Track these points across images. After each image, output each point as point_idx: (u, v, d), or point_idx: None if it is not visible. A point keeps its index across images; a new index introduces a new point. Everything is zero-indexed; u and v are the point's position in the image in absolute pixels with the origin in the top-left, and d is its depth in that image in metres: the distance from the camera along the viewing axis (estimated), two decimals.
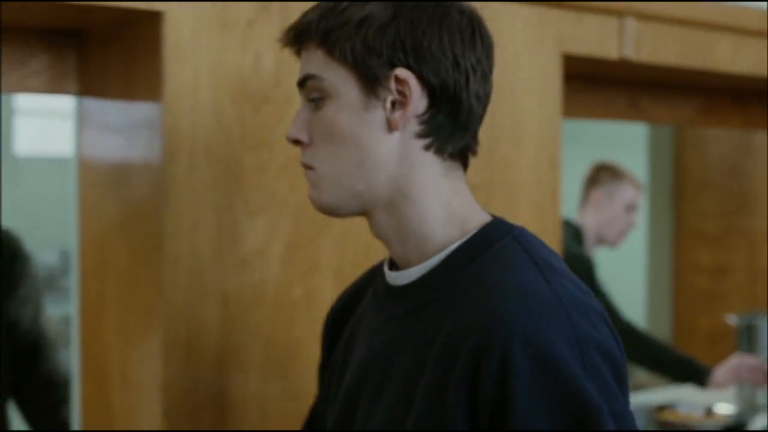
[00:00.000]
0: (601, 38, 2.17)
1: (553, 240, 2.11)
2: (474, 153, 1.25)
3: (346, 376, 1.29)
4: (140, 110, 1.70)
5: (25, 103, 7.05)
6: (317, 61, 1.19)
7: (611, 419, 1.06)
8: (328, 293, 1.79)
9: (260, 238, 1.73)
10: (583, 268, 3.26)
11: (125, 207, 1.74)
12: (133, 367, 1.74)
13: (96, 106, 1.84)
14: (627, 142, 5.57)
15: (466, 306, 1.13)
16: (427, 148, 1.18)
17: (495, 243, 1.18)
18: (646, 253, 5.57)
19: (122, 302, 1.77)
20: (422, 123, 1.17)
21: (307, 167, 1.22)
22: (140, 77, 1.69)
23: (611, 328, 1.15)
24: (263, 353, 1.73)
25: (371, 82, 1.16)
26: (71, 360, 1.97)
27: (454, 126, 1.18)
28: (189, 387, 1.66)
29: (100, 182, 1.84)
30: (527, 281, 1.12)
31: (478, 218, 1.22)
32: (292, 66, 1.63)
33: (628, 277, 5.54)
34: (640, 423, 2.76)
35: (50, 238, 6.09)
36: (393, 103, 1.17)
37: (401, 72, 1.15)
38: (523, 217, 2.06)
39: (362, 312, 1.34)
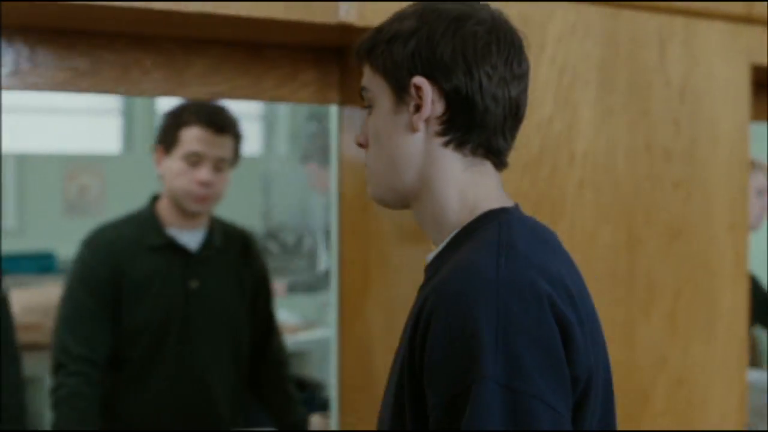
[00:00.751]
0: None
1: (741, 229, 2.35)
2: (500, 152, 1.36)
3: None
4: None
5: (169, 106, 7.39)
6: (367, 75, 1.38)
7: (499, 391, 1.14)
8: None
9: None
10: None
11: None
12: None
13: (356, 114, 2.13)
14: None
15: (434, 282, 1.27)
16: (446, 144, 1.32)
17: (482, 228, 1.30)
18: None
19: (385, 283, 2.05)
20: (441, 123, 1.31)
21: (366, 166, 1.42)
22: None
23: (559, 314, 1.21)
24: None
25: (399, 90, 1.32)
26: (332, 336, 2.26)
27: (470, 125, 1.31)
28: None
29: (360, 177, 2.13)
30: (478, 259, 1.23)
31: (487, 207, 1.33)
32: (534, 78, 1.91)
33: None
34: None
35: None
36: (416, 108, 1.32)
37: (417, 80, 1.30)
38: (717, 210, 2.31)
39: None
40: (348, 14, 1.84)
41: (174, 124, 2.57)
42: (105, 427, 2.50)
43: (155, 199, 2.64)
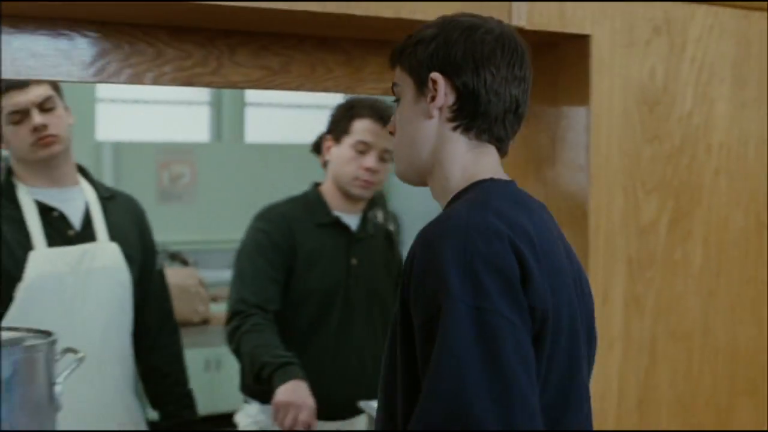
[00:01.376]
0: None
1: None
2: (501, 139, 1.60)
3: None
4: (566, 114, 2.18)
5: (254, 97, 7.66)
6: (397, 74, 1.64)
7: (466, 311, 1.38)
8: (698, 255, 2.26)
9: (653, 212, 2.20)
10: None
11: (551, 187, 2.23)
12: None
13: None
14: None
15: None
16: (455, 129, 1.58)
17: (469, 191, 1.56)
18: None
19: None
20: (452, 112, 1.57)
21: (393, 149, 1.69)
22: (566, 86, 2.18)
23: (518, 250, 1.43)
24: None
25: (420, 84, 1.59)
26: None
27: (475, 114, 1.56)
28: None
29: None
30: (453, 211, 1.50)
31: (481, 178, 1.58)
32: (676, 76, 2.13)
33: None
34: None
35: None
36: (432, 98, 1.57)
37: (434, 75, 1.57)
38: None
39: None
40: (518, 16, 2.04)
41: (346, 115, 2.81)
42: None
43: (317, 185, 2.87)
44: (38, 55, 1.94)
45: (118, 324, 2.59)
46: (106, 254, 2.58)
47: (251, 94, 7.54)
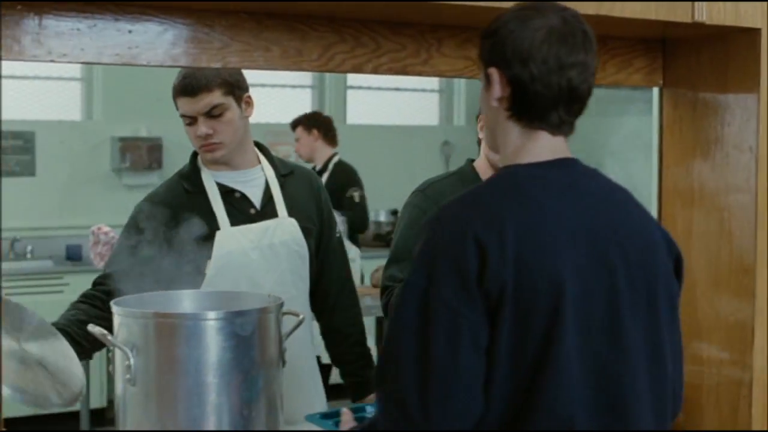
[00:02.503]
0: None
1: None
2: (556, 125, 1.76)
3: None
4: (736, 100, 2.41)
5: (355, 80, 7.93)
6: (480, 65, 1.83)
7: (417, 292, 1.64)
8: None
9: None
10: None
11: (720, 166, 2.46)
12: None
13: (679, 93, 2.57)
14: None
15: None
16: (509, 117, 1.77)
17: (491, 178, 1.81)
18: None
19: None
20: (507, 101, 1.76)
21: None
22: (735, 75, 2.41)
23: (480, 243, 1.62)
24: None
25: (485, 76, 1.78)
26: None
27: (525, 104, 1.74)
28: None
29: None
30: (449, 202, 1.73)
31: (518, 163, 1.78)
32: None
33: None
34: None
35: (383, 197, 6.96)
36: (491, 90, 1.76)
37: (489, 70, 1.77)
38: None
39: None
40: (700, 13, 2.27)
41: None
42: None
43: (471, 161, 3.01)
44: (272, 49, 2.21)
45: (297, 291, 2.78)
46: (285, 229, 2.76)
47: (352, 78, 7.81)
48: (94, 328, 2.15)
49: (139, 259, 2.53)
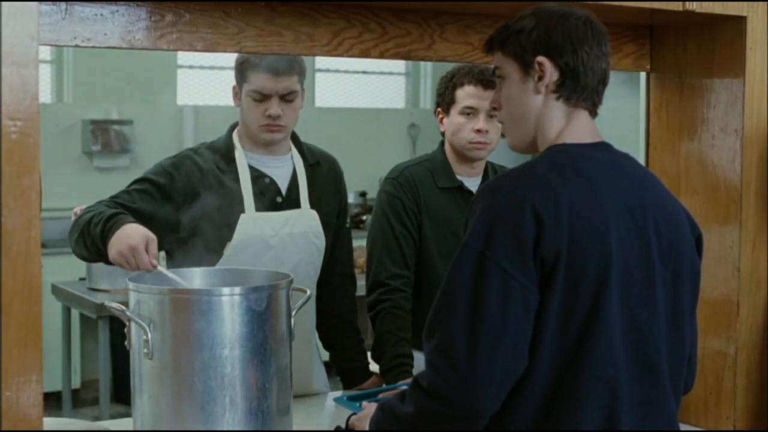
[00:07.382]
0: None
1: None
2: (594, 105, 1.93)
3: None
4: (722, 84, 2.53)
5: (323, 63, 7.98)
6: (498, 58, 1.95)
7: (473, 254, 1.75)
8: None
9: None
10: None
11: (705, 147, 2.58)
12: None
13: (665, 78, 2.68)
14: None
15: None
16: (557, 99, 1.89)
17: (541, 155, 1.89)
18: None
19: None
20: (556, 85, 1.89)
21: (500, 122, 2.03)
22: (721, 61, 2.53)
23: (538, 214, 1.74)
24: None
25: (525, 67, 1.90)
26: None
27: (575, 87, 1.88)
28: None
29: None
30: (504, 174, 1.85)
31: (565, 142, 1.89)
32: None
33: None
34: None
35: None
36: (538, 78, 1.88)
37: (540, 59, 1.88)
38: None
39: None
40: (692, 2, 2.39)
41: (449, 86, 3.02)
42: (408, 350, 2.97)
43: (443, 144, 3.09)
44: (284, 34, 2.29)
45: (307, 281, 2.80)
46: (306, 221, 2.81)
47: (320, 61, 7.87)
48: (111, 304, 2.22)
49: (165, 211, 2.63)
